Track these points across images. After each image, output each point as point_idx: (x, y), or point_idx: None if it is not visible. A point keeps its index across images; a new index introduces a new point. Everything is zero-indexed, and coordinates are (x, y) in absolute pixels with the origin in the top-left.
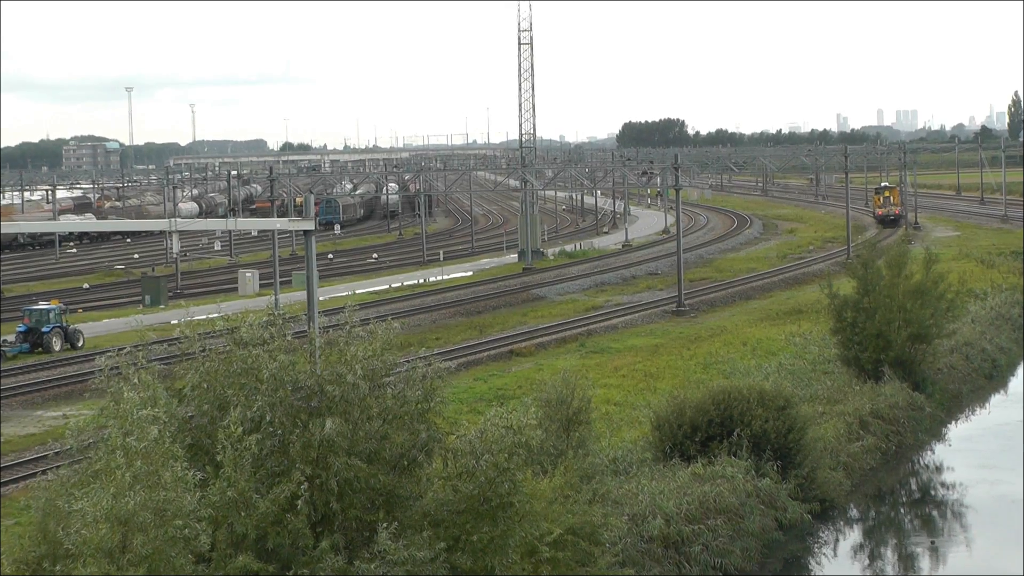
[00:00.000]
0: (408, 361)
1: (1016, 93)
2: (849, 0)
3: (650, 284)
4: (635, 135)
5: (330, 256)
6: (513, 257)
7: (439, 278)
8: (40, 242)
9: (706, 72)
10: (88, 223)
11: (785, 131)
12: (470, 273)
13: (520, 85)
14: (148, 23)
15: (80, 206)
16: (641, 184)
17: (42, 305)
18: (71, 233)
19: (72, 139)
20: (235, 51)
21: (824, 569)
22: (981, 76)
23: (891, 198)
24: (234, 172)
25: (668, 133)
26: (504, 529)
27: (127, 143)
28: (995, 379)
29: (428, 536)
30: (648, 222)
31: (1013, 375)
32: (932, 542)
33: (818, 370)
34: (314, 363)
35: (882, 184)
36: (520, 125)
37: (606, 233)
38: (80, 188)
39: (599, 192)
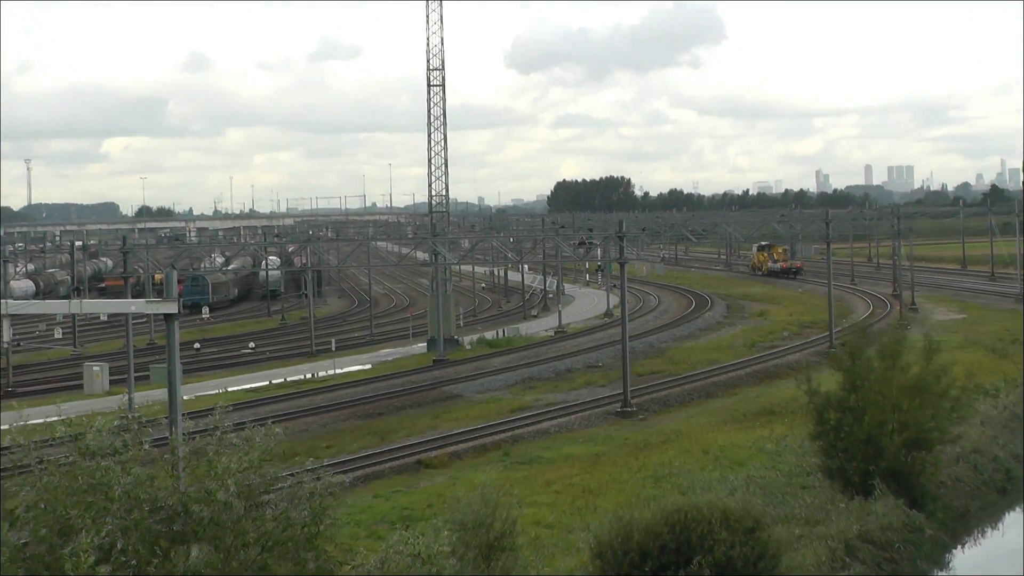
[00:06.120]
0: (293, 475)
1: None
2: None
3: (589, 379)
4: (570, 197)
5: (197, 345)
6: (421, 347)
7: (331, 372)
8: None
9: (659, 120)
10: None
11: (753, 192)
12: (369, 366)
13: (430, 135)
14: None
15: None
16: (578, 257)
17: None
18: None
19: None
20: (81, 96)
21: None
22: (992, 124)
23: (773, 254)
24: (79, 243)
25: (610, 195)
26: None
27: None
28: (1010, 493)
29: None
30: (587, 303)
31: None
32: None
33: (795, 484)
34: (177, 477)
35: (762, 243)
36: (430, 184)
37: (535, 317)
38: None
39: (527, 267)
